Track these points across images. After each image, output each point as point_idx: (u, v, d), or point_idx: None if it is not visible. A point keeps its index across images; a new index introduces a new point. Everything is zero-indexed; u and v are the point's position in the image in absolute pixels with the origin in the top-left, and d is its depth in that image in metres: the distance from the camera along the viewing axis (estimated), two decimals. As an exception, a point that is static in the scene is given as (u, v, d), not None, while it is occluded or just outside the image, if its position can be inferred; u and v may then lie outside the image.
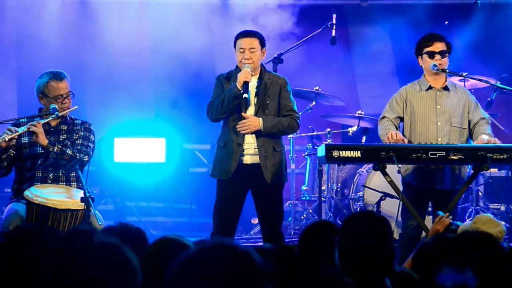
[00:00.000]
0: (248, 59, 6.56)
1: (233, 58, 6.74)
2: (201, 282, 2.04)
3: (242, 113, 6.55)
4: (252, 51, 6.59)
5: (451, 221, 5.61)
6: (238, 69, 6.64)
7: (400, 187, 6.65)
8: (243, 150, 6.56)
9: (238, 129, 6.52)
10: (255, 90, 6.60)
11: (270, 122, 6.54)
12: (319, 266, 2.94)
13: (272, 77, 6.70)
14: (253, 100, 6.59)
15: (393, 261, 3.54)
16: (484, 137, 6.54)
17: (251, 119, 6.52)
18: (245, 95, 6.45)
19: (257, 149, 6.56)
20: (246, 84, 6.46)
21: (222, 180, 6.60)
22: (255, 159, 6.56)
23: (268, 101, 6.60)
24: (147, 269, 3.24)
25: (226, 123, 6.62)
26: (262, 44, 6.67)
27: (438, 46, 6.74)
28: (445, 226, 5.55)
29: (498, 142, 6.52)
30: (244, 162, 6.57)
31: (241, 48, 6.60)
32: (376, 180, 8.32)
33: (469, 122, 6.82)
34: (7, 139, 6.26)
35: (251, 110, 6.58)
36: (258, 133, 6.54)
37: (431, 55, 6.73)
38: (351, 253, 3.42)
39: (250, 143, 6.58)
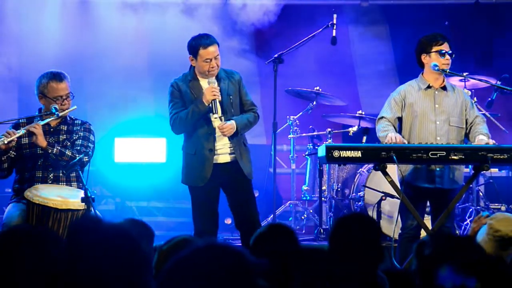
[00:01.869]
0: (214, 67, 6.54)
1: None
2: (194, 281, 2.04)
3: (218, 126, 6.54)
4: (217, 58, 6.57)
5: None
6: (194, 74, 6.62)
7: (400, 187, 6.65)
8: (216, 152, 6.60)
9: (224, 134, 6.53)
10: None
11: (242, 123, 6.61)
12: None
13: (228, 75, 6.72)
14: (217, 101, 6.58)
15: (381, 260, 3.59)
16: (482, 139, 6.55)
17: (228, 125, 6.54)
18: (215, 116, 6.48)
19: (232, 148, 6.62)
20: (213, 102, 6.46)
21: (196, 188, 6.65)
22: (232, 157, 6.65)
23: (231, 100, 6.63)
24: (161, 265, 3.24)
25: (193, 131, 6.62)
26: (218, 45, 6.65)
27: (447, 46, 6.76)
28: (480, 225, 5.55)
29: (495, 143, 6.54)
30: (219, 162, 6.64)
31: (207, 58, 6.51)
32: (377, 180, 8.32)
33: (465, 121, 6.83)
34: (6, 142, 6.26)
35: (218, 111, 6.57)
36: (231, 134, 6.60)
37: (442, 54, 6.73)
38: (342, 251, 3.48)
39: (223, 144, 6.63)
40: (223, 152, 6.64)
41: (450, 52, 6.76)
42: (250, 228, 6.45)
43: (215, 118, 6.54)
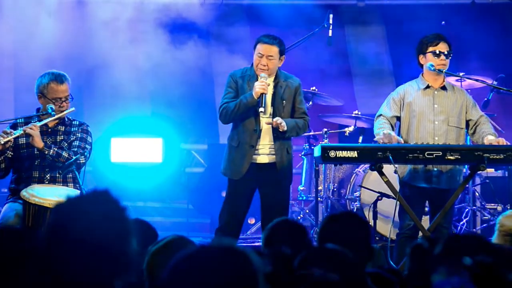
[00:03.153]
0: (264, 65, 6.60)
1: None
2: (198, 281, 2.04)
3: (263, 123, 6.63)
4: (269, 59, 6.64)
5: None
6: (252, 70, 6.71)
7: (397, 187, 6.66)
8: (256, 151, 6.62)
9: (278, 125, 6.55)
10: (272, 92, 6.68)
11: (291, 124, 6.66)
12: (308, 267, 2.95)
13: (287, 80, 6.78)
14: (269, 101, 6.64)
15: (369, 260, 3.60)
16: (492, 139, 6.55)
17: (280, 119, 6.59)
18: (261, 109, 6.51)
19: (272, 149, 6.67)
20: (262, 96, 6.50)
21: (233, 180, 6.68)
22: (270, 158, 6.69)
23: (284, 104, 6.69)
24: (153, 268, 3.24)
25: (240, 123, 6.69)
26: (281, 52, 6.72)
27: (443, 47, 6.76)
28: None
29: (506, 142, 6.54)
30: (258, 162, 6.68)
31: (259, 53, 6.65)
32: (373, 180, 8.33)
33: (468, 121, 6.83)
34: (2, 142, 6.26)
35: (267, 111, 6.63)
36: (275, 136, 6.62)
37: (437, 54, 6.74)
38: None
39: (264, 144, 6.67)
40: (263, 152, 6.69)
41: (447, 52, 6.76)
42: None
43: (260, 111, 6.56)
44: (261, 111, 6.55)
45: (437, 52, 6.74)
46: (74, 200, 2.23)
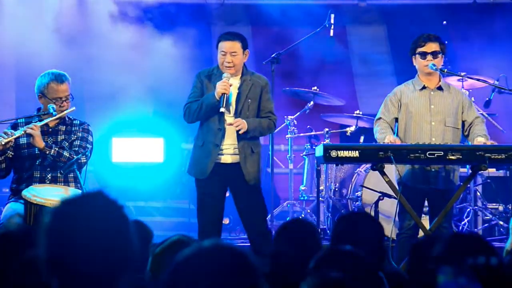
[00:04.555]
0: (229, 62, 6.58)
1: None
2: (198, 282, 2.04)
3: (227, 123, 6.57)
4: (233, 55, 6.61)
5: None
6: (219, 70, 6.67)
7: (397, 187, 6.66)
8: (221, 150, 6.60)
9: (236, 129, 6.52)
10: (237, 91, 6.63)
11: (253, 124, 6.59)
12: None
13: (254, 78, 6.72)
14: (234, 100, 6.61)
15: (382, 261, 3.60)
16: (481, 141, 6.55)
17: (240, 120, 6.54)
18: (222, 109, 6.49)
19: (237, 149, 6.61)
20: (223, 96, 6.48)
21: (199, 180, 6.66)
22: (235, 158, 6.63)
23: (249, 103, 6.64)
24: (157, 269, 3.23)
25: (204, 123, 6.66)
26: (244, 47, 6.68)
27: (431, 47, 6.75)
28: None
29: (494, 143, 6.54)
30: (222, 162, 6.63)
31: (222, 51, 6.61)
32: (374, 180, 8.32)
33: (463, 122, 6.82)
34: (3, 143, 6.26)
35: (231, 110, 6.60)
36: (239, 135, 6.58)
37: (423, 55, 6.75)
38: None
39: (229, 144, 6.62)
40: (227, 152, 6.63)
41: (434, 51, 6.74)
42: (255, 237, 6.50)
43: (220, 112, 6.53)
44: (222, 111, 6.52)
45: (423, 52, 6.74)
46: (69, 202, 2.23)
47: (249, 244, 6.74)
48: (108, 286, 2.16)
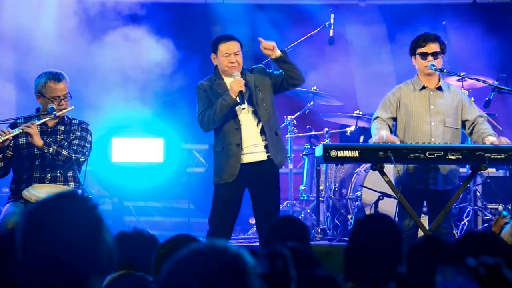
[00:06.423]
0: (234, 62, 6.63)
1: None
2: (193, 282, 2.05)
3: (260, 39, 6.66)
4: (237, 54, 6.67)
5: (507, 220, 5.63)
6: (218, 74, 6.71)
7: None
8: (242, 150, 6.59)
9: (270, 46, 6.60)
10: (245, 89, 6.64)
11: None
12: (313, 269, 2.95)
13: (251, 69, 6.82)
14: (247, 96, 6.63)
15: (398, 265, 3.61)
16: (494, 140, 6.52)
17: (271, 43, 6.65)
18: (243, 106, 6.50)
19: (258, 146, 6.61)
20: (241, 93, 6.50)
21: (221, 185, 6.63)
22: (257, 157, 6.61)
23: (260, 94, 6.67)
24: (159, 267, 3.23)
25: (220, 127, 6.66)
26: (241, 46, 6.75)
27: (432, 47, 6.74)
28: (500, 227, 5.57)
29: (508, 141, 6.52)
30: (244, 162, 6.61)
31: (226, 53, 6.65)
32: (374, 180, 8.32)
33: (465, 122, 6.81)
34: (1, 141, 6.26)
35: (247, 108, 6.61)
36: (262, 128, 6.62)
37: (424, 56, 6.73)
38: (358, 254, 3.49)
39: (249, 142, 6.62)
40: (248, 151, 6.63)
41: (435, 52, 6.74)
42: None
43: (243, 109, 6.56)
44: (244, 108, 6.53)
45: (424, 53, 6.73)
46: (41, 203, 2.27)
47: (248, 244, 6.74)
48: (79, 286, 2.20)
